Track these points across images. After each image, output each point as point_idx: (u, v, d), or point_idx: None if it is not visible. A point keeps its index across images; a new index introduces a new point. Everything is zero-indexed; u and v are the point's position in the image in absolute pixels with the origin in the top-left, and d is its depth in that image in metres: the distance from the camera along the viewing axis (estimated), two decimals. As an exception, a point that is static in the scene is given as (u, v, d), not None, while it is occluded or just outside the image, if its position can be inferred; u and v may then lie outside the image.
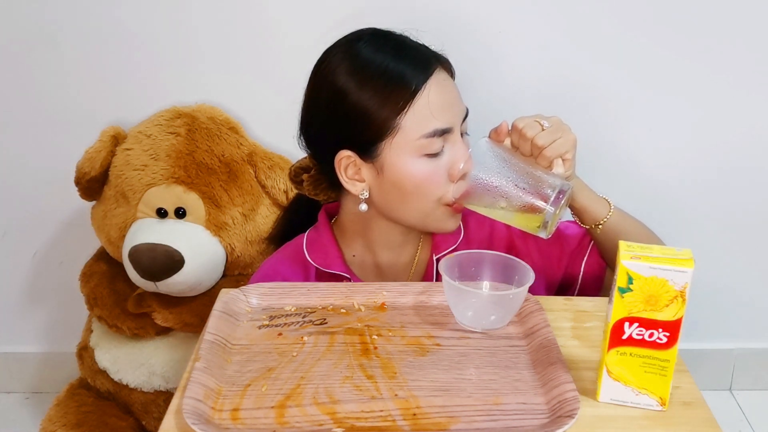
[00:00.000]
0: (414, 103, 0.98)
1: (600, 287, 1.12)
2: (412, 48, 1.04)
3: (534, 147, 0.97)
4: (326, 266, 1.09)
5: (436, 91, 1.00)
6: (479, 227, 1.13)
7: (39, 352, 1.86)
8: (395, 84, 0.99)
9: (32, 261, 1.77)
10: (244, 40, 1.55)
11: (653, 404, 0.78)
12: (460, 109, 1.03)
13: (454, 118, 1.01)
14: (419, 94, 0.99)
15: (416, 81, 0.99)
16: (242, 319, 0.94)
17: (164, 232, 1.42)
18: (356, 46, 1.03)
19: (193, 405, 0.76)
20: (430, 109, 0.99)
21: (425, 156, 1.00)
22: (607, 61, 1.56)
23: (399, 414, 0.76)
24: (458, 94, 1.04)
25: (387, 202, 1.04)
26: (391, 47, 1.03)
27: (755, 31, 1.54)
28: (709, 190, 1.66)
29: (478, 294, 0.94)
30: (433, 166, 1.00)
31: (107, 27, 1.54)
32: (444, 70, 1.04)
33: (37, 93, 1.60)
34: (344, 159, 1.02)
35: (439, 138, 0.99)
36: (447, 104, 1.01)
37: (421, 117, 0.98)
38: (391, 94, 0.98)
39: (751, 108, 1.60)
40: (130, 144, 1.49)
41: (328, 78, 1.02)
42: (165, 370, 1.51)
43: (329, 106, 1.02)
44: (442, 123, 0.99)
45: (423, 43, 1.05)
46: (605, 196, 1.05)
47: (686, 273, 0.73)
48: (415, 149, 0.99)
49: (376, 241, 1.10)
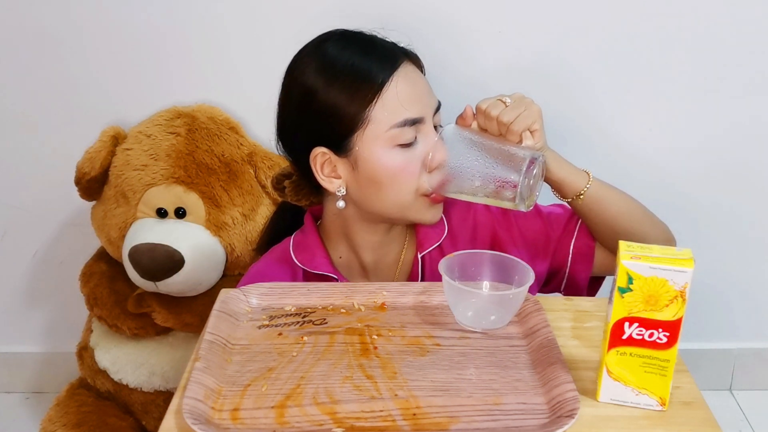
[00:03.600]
0: (382, 95, 0.99)
1: (590, 268, 1.13)
2: (378, 44, 1.05)
3: (500, 125, 1.00)
4: (313, 267, 1.10)
5: (404, 82, 1.01)
6: (462, 222, 1.14)
7: (39, 352, 1.86)
8: (362, 78, 1.00)
9: (32, 261, 1.77)
10: (245, 40, 1.55)
11: (653, 404, 0.78)
12: (431, 101, 1.04)
13: (424, 108, 1.02)
14: (387, 86, 1.00)
15: (383, 74, 1.00)
16: (242, 319, 0.94)
17: (164, 232, 1.42)
18: (324, 46, 1.05)
19: (193, 405, 0.76)
20: (399, 100, 1.00)
21: (398, 146, 1.00)
22: (604, 59, 1.56)
23: (399, 414, 0.76)
24: (428, 87, 1.05)
25: (364, 196, 1.04)
26: (357, 45, 1.05)
27: (756, 30, 1.54)
28: (709, 190, 1.66)
29: (478, 294, 0.94)
30: (406, 157, 1.01)
31: (107, 27, 1.54)
32: (412, 64, 1.05)
33: (37, 93, 1.60)
34: (319, 156, 1.03)
35: (411, 128, 1.00)
36: (416, 95, 1.02)
37: (391, 108, 0.99)
38: (359, 88, 1.00)
39: (751, 108, 1.60)
40: (130, 144, 1.49)
41: (298, 79, 1.04)
42: (165, 370, 1.51)
43: (300, 106, 1.04)
44: (412, 113, 1.00)
45: (391, 41, 1.07)
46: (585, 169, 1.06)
47: (686, 273, 0.73)
48: (387, 140, 1.00)
49: (358, 242, 1.11)
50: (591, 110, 1.59)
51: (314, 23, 1.52)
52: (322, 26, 1.57)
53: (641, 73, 1.56)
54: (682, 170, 1.65)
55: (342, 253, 1.13)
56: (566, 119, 1.59)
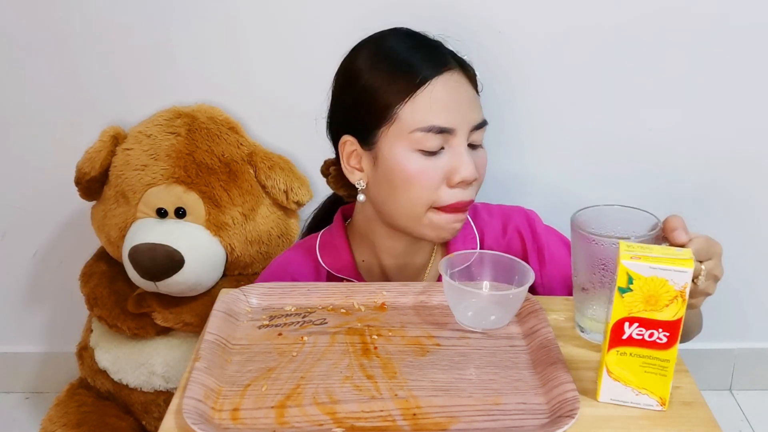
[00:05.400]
0: (416, 94, 0.98)
1: None
2: (432, 46, 1.04)
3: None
4: (337, 270, 1.09)
5: (443, 88, 0.99)
6: (496, 246, 1.11)
7: (39, 352, 1.86)
8: (403, 71, 0.99)
9: (32, 261, 1.77)
10: (245, 40, 1.55)
11: (653, 404, 0.78)
12: (470, 115, 1.00)
13: (457, 120, 0.99)
14: (424, 86, 0.98)
15: (424, 73, 0.98)
16: (242, 319, 0.94)
17: (164, 232, 1.42)
18: (383, 36, 1.05)
19: (193, 405, 0.76)
20: (431, 104, 0.98)
21: (419, 151, 0.98)
22: (609, 59, 1.56)
23: (399, 414, 0.76)
24: (473, 101, 1.02)
25: (379, 196, 1.03)
26: (413, 41, 1.04)
27: (756, 29, 1.54)
28: (709, 190, 1.66)
29: (478, 294, 0.94)
30: (426, 165, 0.98)
31: (107, 27, 1.54)
32: (463, 75, 1.02)
33: (37, 93, 1.60)
34: (348, 144, 1.03)
35: (437, 135, 0.98)
36: (452, 104, 0.99)
37: (421, 110, 0.98)
38: (396, 80, 0.99)
39: (751, 107, 1.60)
40: (130, 144, 1.49)
41: (351, 61, 1.04)
42: (165, 370, 1.51)
43: (342, 87, 1.05)
44: (441, 121, 0.98)
45: (450, 48, 1.05)
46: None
47: (686, 273, 0.73)
48: (410, 142, 0.98)
49: (380, 246, 1.10)
50: (591, 110, 1.59)
51: (314, 23, 1.53)
52: (321, 26, 1.58)
53: (641, 72, 1.56)
54: (680, 170, 1.64)
55: (365, 256, 1.11)
56: (567, 118, 1.59)
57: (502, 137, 1.58)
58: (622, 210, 0.88)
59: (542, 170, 1.64)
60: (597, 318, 0.87)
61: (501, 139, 1.58)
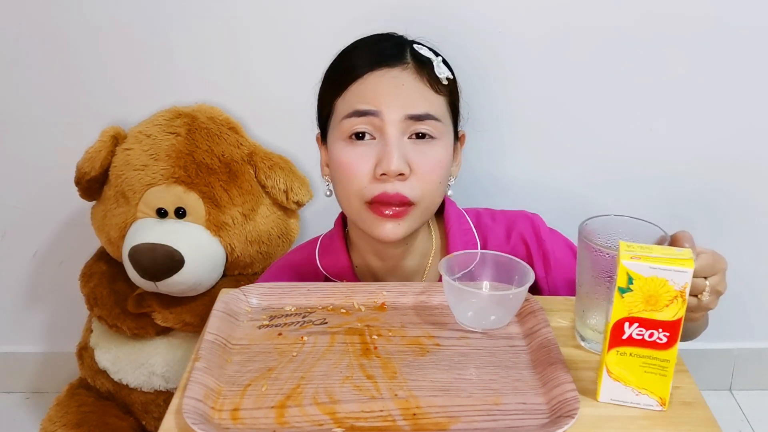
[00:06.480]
0: (349, 88, 0.99)
1: None
2: (389, 45, 1.02)
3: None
4: (334, 274, 1.10)
5: (376, 80, 0.98)
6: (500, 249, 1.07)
7: (39, 352, 1.86)
8: (345, 69, 1.01)
9: (32, 261, 1.77)
10: (245, 40, 1.55)
11: (653, 404, 0.78)
12: (406, 104, 0.96)
13: (384, 105, 0.95)
14: (360, 80, 0.98)
15: (360, 69, 0.99)
16: (242, 319, 0.94)
17: (164, 232, 1.42)
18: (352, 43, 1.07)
19: (193, 405, 0.76)
20: (359, 93, 0.98)
21: (348, 140, 0.98)
22: (604, 58, 1.56)
23: (399, 414, 0.76)
24: (413, 93, 0.97)
25: (334, 192, 1.05)
26: (367, 44, 1.04)
27: (756, 29, 1.54)
28: (709, 190, 1.66)
29: (478, 294, 0.94)
30: (354, 153, 0.97)
31: (107, 27, 1.54)
32: (413, 72, 0.99)
33: (37, 93, 1.60)
34: (319, 141, 1.09)
35: (360, 119, 0.96)
36: (382, 93, 0.96)
37: (351, 100, 0.99)
38: (338, 78, 1.01)
39: (750, 108, 1.60)
40: (130, 144, 1.49)
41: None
42: (165, 370, 1.51)
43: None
44: (365, 105, 0.96)
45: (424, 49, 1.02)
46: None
47: (686, 273, 0.73)
48: (341, 132, 0.99)
49: (363, 248, 1.09)
50: (591, 110, 1.59)
51: (314, 23, 1.53)
52: (321, 26, 1.58)
53: (641, 73, 1.56)
54: (680, 171, 1.64)
55: (358, 259, 1.11)
56: (566, 119, 1.59)
57: (502, 140, 1.58)
58: (630, 222, 0.88)
59: (542, 171, 1.63)
60: (598, 329, 0.87)
61: (502, 142, 1.59)
